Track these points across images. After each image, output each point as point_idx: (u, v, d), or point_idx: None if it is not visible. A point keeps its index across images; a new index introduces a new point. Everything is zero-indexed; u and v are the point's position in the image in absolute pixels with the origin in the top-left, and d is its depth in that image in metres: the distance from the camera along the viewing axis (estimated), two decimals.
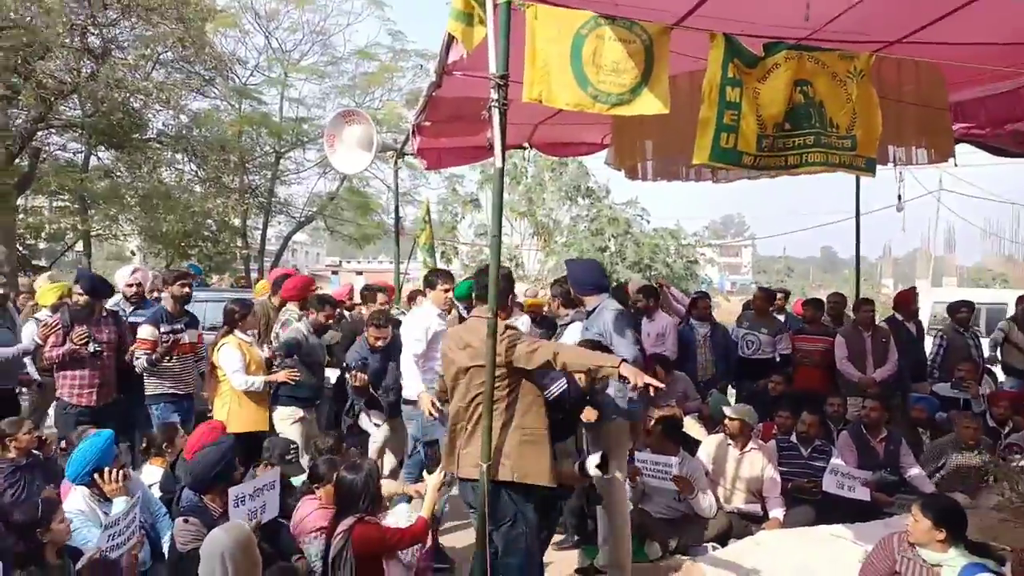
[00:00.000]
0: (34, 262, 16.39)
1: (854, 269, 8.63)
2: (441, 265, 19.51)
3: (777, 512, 4.72)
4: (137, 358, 4.89)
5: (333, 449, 4.14)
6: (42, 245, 18.50)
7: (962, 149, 7.55)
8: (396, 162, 7.32)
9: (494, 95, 2.83)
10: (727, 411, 5.07)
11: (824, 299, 7.38)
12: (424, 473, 4.12)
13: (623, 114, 2.86)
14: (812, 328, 6.76)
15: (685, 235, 18.30)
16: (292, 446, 4.28)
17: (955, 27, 3.61)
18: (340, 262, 48.90)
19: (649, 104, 2.78)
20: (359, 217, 19.48)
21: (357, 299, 7.58)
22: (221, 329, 5.08)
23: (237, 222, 18.49)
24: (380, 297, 6.50)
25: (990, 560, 2.98)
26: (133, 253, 23.05)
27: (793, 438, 5.14)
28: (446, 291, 4.91)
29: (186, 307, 5.33)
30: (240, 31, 17.92)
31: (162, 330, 4.98)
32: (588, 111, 2.85)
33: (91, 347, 4.83)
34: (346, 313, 6.79)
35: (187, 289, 5.28)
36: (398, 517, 3.73)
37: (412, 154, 6.97)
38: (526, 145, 7.34)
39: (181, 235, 16.24)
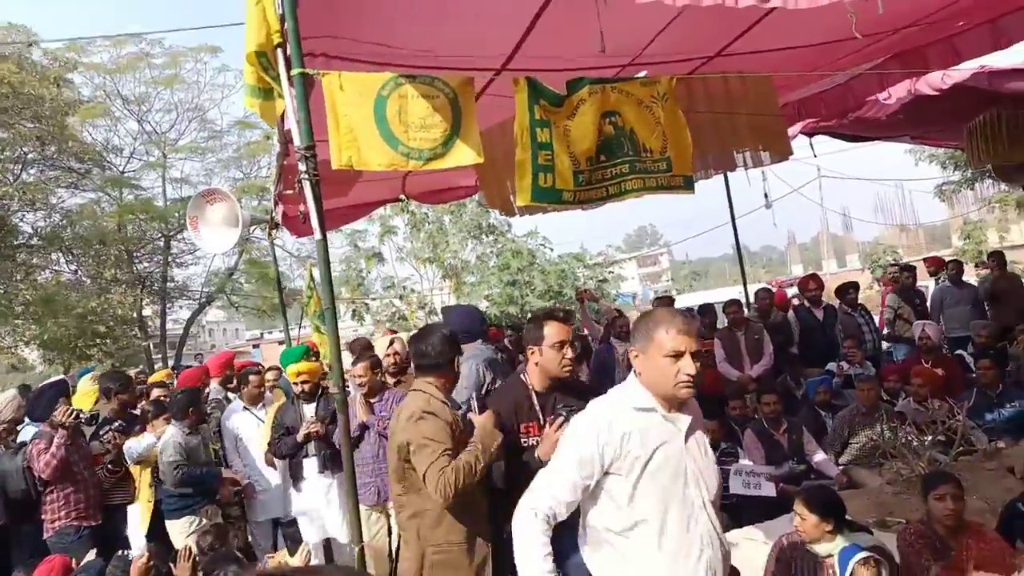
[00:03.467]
0: None
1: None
2: (353, 324, 19.33)
3: None
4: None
5: (213, 546, 3.85)
6: None
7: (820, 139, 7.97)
8: (271, 233, 7.11)
9: (302, 167, 2.73)
10: None
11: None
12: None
13: (439, 167, 2.81)
14: (707, 332, 6.94)
15: (591, 256, 18.57)
16: None
17: (765, 37, 3.75)
18: (262, 334, 47.25)
19: (463, 155, 2.74)
20: (262, 288, 18.89)
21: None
22: None
23: (133, 314, 17.62)
24: (253, 379, 5.72)
25: (864, 536, 3.02)
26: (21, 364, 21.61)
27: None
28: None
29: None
30: (111, 119, 17.30)
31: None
32: (403, 169, 2.78)
33: None
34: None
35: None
36: None
37: (279, 224, 6.77)
38: (402, 197, 7.26)
39: (74, 338, 15.34)
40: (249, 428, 5.45)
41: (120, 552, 4.01)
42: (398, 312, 16.93)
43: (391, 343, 5.52)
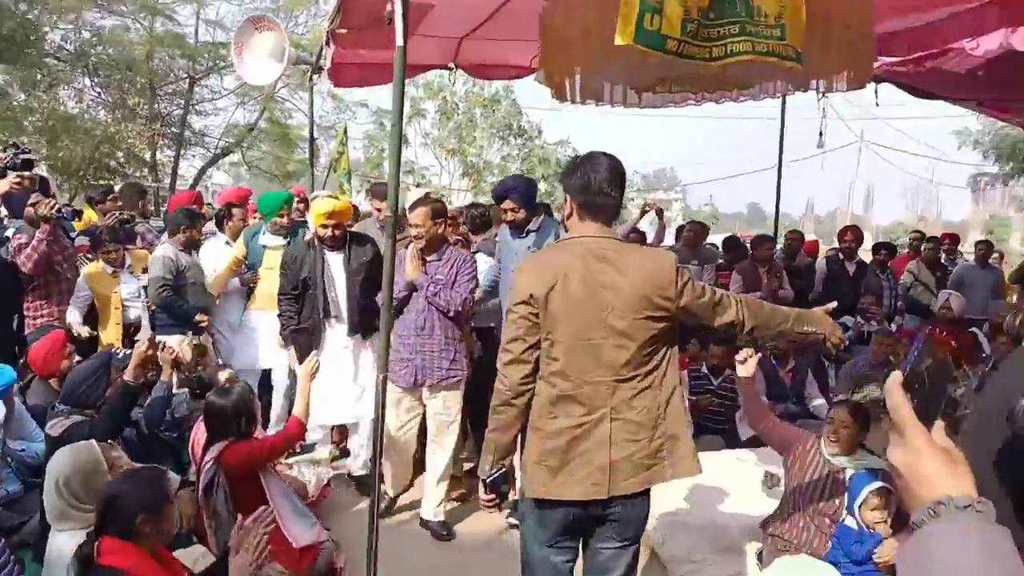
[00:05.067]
0: None
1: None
2: (365, 203, 18.92)
3: None
4: None
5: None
6: None
7: (886, 100, 7.64)
8: (311, 78, 6.85)
9: None
10: None
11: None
12: (293, 364, 3.99)
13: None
14: (729, 265, 6.86)
15: None
16: None
17: None
18: None
19: None
20: (280, 149, 18.58)
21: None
22: None
23: (147, 155, 17.37)
24: (237, 212, 5.52)
25: (877, 459, 3.03)
26: None
27: (704, 368, 5.16)
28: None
29: None
30: None
31: None
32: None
33: None
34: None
35: None
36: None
37: (326, 68, 6.52)
38: (451, 65, 6.97)
39: (85, 164, 15.14)
40: (225, 260, 5.13)
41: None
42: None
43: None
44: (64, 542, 2.32)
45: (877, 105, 7.87)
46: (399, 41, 2.67)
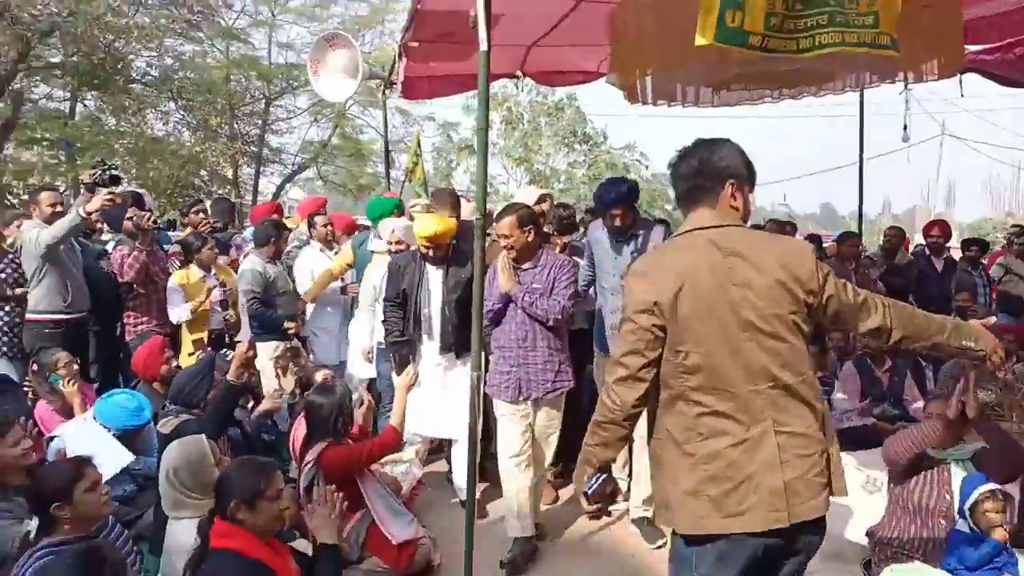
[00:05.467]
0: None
1: (853, 225, 8.37)
2: None
3: None
4: None
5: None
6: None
7: (970, 90, 7.28)
8: (384, 91, 7.05)
9: None
10: None
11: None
12: (392, 375, 3.93)
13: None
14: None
15: None
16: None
17: None
18: None
19: None
20: (352, 164, 19.14)
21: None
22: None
23: (229, 172, 18.18)
24: (319, 220, 5.62)
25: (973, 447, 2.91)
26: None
27: None
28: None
29: None
30: None
31: None
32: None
33: None
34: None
35: None
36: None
37: (398, 82, 6.68)
38: (519, 74, 7.03)
39: (172, 183, 15.96)
40: (321, 267, 5.30)
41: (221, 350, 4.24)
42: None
43: (541, 199, 4.89)
44: (181, 531, 2.48)
45: (962, 95, 7.52)
46: (483, 46, 2.73)
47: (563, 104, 17.16)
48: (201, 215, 5.65)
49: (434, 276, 3.92)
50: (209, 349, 4.61)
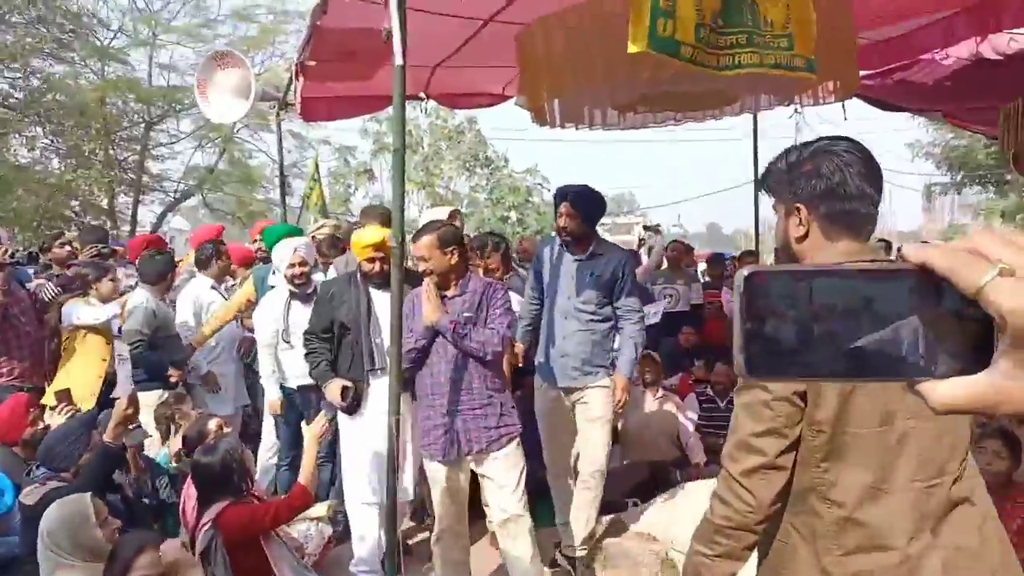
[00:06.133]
0: None
1: (743, 243, 8.70)
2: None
3: (699, 458, 4.60)
4: None
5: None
6: None
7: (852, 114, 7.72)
8: (279, 113, 6.68)
9: None
10: None
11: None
12: (302, 424, 3.47)
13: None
14: (714, 283, 6.83)
15: None
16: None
17: None
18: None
19: None
20: (241, 191, 18.26)
21: None
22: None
23: (104, 202, 16.90)
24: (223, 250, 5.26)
25: None
26: None
27: (709, 391, 5.05)
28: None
29: None
30: None
31: None
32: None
33: None
34: None
35: None
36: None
37: (293, 104, 6.34)
38: (422, 96, 6.86)
39: (39, 215, 14.64)
40: (210, 302, 4.88)
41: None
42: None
43: (452, 216, 4.34)
44: None
45: (845, 119, 7.95)
46: (398, 60, 2.53)
47: (463, 128, 17.11)
48: (67, 248, 5.07)
49: (381, 301, 3.34)
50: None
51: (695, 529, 1.56)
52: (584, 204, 3.59)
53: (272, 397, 4.14)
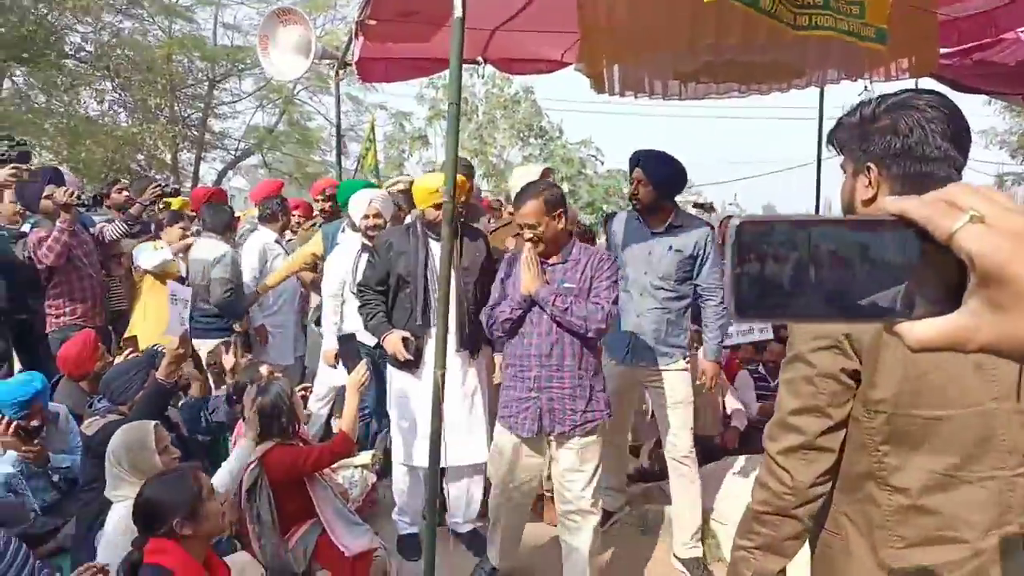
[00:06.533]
0: None
1: None
2: None
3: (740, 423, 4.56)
4: None
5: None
6: None
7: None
8: (338, 73, 6.72)
9: None
10: None
11: None
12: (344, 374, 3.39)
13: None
14: None
15: None
16: None
17: None
18: None
19: None
20: (299, 152, 18.57)
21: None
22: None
23: (168, 157, 17.38)
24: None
25: None
26: None
27: (761, 369, 4.97)
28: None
29: None
30: None
31: None
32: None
33: None
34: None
35: None
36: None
37: (352, 64, 6.36)
38: (480, 60, 6.81)
39: (107, 166, 15.15)
40: (276, 255, 4.96)
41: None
42: None
43: (544, 175, 4.12)
44: (120, 512, 2.46)
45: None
46: (457, 12, 2.51)
47: (519, 97, 16.98)
48: (124, 194, 5.24)
49: (438, 249, 3.17)
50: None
51: (738, 523, 1.45)
52: (658, 172, 3.31)
53: (328, 347, 4.08)
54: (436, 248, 3.19)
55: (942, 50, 6.48)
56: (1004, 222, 0.49)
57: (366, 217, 3.86)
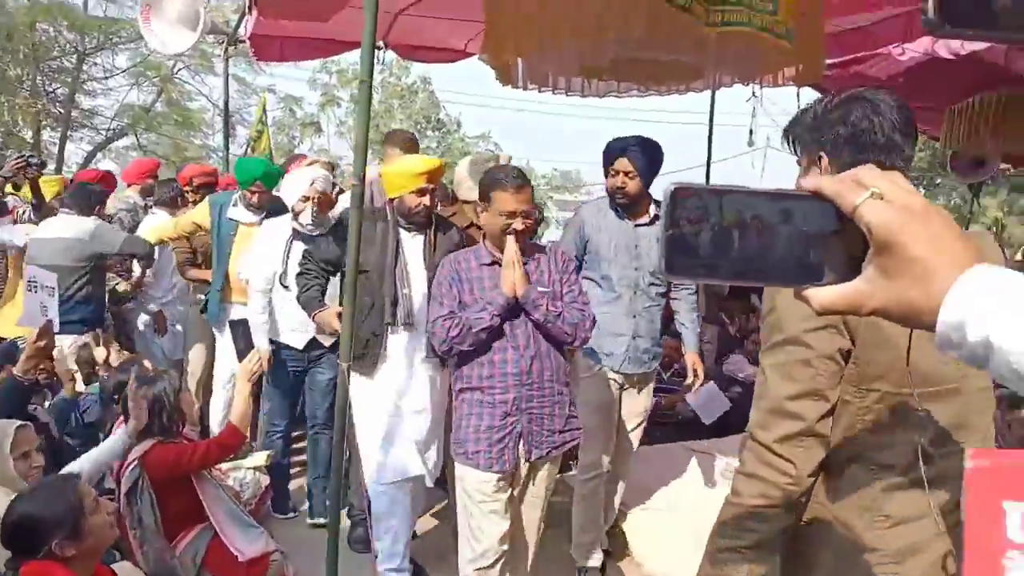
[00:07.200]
0: None
1: None
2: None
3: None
4: None
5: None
6: None
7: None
8: (227, 50, 6.35)
9: None
10: None
11: None
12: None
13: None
14: None
15: (535, 177, 18.19)
16: None
17: None
18: None
19: None
20: (178, 134, 17.47)
21: None
22: None
23: (28, 134, 15.87)
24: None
25: None
26: None
27: None
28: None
29: None
30: None
31: None
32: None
33: None
34: None
35: None
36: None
37: (243, 41, 6.02)
38: (380, 44, 6.62)
39: None
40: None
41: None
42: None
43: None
44: None
45: (799, 107, 8.04)
46: None
47: (417, 88, 16.76)
48: None
49: (412, 247, 2.86)
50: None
51: (713, 529, 1.34)
52: (646, 161, 3.06)
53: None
54: (406, 239, 2.88)
55: (831, 56, 6.90)
56: (899, 198, 0.57)
57: (307, 199, 3.39)
